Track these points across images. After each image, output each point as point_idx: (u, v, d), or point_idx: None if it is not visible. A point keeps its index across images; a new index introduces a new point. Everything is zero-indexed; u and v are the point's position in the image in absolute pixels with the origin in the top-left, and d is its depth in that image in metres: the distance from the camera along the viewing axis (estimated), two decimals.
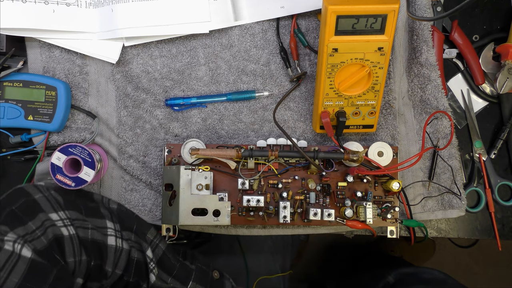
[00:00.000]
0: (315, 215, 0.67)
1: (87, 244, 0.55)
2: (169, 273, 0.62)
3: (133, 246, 0.60)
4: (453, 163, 0.72)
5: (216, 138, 0.72)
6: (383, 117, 0.71)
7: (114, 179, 0.72)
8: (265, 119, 0.72)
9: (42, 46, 0.70)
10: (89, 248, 0.55)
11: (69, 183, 0.65)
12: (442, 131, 0.71)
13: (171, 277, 0.62)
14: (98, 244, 0.56)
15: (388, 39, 0.60)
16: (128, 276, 0.59)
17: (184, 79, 0.71)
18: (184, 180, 0.64)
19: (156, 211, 0.71)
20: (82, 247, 0.54)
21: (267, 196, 0.69)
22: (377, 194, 0.70)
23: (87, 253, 0.55)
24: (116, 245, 0.58)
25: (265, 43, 0.71)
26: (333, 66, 0.62)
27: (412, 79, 0.72)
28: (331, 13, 0.57)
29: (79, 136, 0.71)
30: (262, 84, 0.72)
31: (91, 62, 0.71)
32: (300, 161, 0.69)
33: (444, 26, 0.74)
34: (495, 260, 1.38)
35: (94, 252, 0.56)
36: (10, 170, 0.72)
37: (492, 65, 0.75)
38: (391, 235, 0.71)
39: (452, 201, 0.72)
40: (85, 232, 0.56)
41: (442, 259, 1.34)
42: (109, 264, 0.57)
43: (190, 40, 0.71)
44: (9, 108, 0.68)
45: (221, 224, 0.65)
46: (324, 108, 0.66)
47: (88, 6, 0.69)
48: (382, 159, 0.69)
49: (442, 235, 0.75)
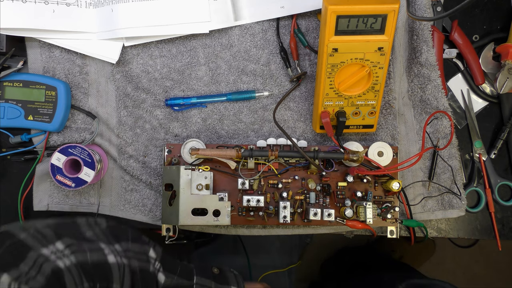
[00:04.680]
0: (315, 215, 0.67)
1: (88, 268, 0.53)
2: (173, 271, 0.62)
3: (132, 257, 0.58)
4: (453, 163, 0.72)
5: (216, 138, 0.72)
6: (383, 117, 0.71)
7: (114, 179, 0.72)
8: (265, 119, 0.72)
9: (42, 46, 0.70)
10: (91, 272, 0.53)
11: (69, 183, 0.65)
12: (442, 131, 0.71)
13: (176, 275, 0.61)
14: (100, 265, 0.53)
15: (388, 39, 0.60)
16: None
17: (184, 79, 0.71)
18: (184, 180, 0.64)
19: (156, 211, 0.71)
20: (82, 274, 0.52)
21: (267, 196, 0.69)
22: (377, 194, 0.70)
23: (90, 279, 0.52)
24: (117, 262, 0.56)
25: (265, 43, 0.71)
26: (333, 66, 0.62)
27: (412, 79, 0.72)
28: (331, 13, 0.57)
29: (79, 136, 0.71)
30: (262, 84, 0.72)
31: (91, 62, 0.71)
32: (300, 161, 0.69)
33: (444, 26, 0.74)
34: (495, 260, 1.38)
35: (98, 275, 0.53)
36: (10, 170, 0.72)
37: (492, 65, 0.75)
38: (391, 235, 0.71)
39: (452, 201, 0.72)
40: (84, 256, 0.53)
41: (442, 259, 1.34)
42: (116, 282, 0.54)
43: (190, 40, 0.71)
44: (9, 108, 0.68)
45: (221, 224, 0.65)
46: (324, 108, 0.66)
47: (88, 6, 0.69)
48: (382, 159, 0.69)
49: (442, 235, 0.75)
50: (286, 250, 1.14)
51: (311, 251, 1.24)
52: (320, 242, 1.25)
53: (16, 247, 0.51)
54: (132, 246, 0.59)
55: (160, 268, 0.60)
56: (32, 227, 0.54)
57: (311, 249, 1.24)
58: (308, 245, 1.23)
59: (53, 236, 0.54)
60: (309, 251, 1.24)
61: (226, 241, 1.09)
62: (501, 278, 1.37)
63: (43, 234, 0.54)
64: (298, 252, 1.19)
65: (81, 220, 0.59)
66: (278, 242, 1.13)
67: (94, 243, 0.55)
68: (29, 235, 0.53)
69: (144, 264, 0.59)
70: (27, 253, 0.50)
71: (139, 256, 0.59)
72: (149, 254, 0.60)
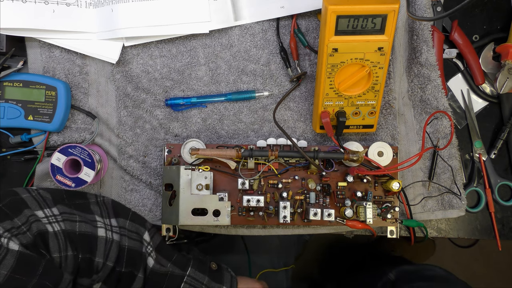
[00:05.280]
0: (315, 215, 0.67)
1: (74, 237, 0.55)
2: (168, 258, 0.62)
3: (125, 235, 0.59)
4: (453, 163, 0.72)
5: (216, 138, 0.72)
6: (383, 117, 0.71)
7: (114, 179, 0.72)
8: (265, 119, 0.72)
9: (42, 46, 0.70)
10: (77, 241, 0.55)
11: (69, 183, 0.65)
12: (442, 131, 0.71)
13: (170, 262, 0.62)
14: (86, 236, 0.56)
15: (388, 39, 0.60)
16: (120, 266, 0.58)
17: (184, 79, 0.71)
18: (184, 180, 0.64)
19: (156, 211, 0.71)
20: (68, 242, 0.54)
21: (267, 196, 0.69)
22: (377, 194, 0.70)
23: (74, 248, 0.55)
24: (106, 236, 0.58)
25: (265, 43, 0.71)
26: (333, 66, 0.62)
27: (412, 79, 0.72)
28: (331, 13, 0.57)
29: (79, 136, 0.71)
30: (262, 84, 0.72)
31: (91, 62, 0.71)
32: (300, 161, 0.69)
33: (444, 26, 0.74)
34: (495, 260, 1.38)
35: (83, 245, 0.56)
36: (10, 170, 0.72)
37: (492, 65, 0.75)
38: (391, 235, 0.71)
39: (452, 201, 0.72)
40: (73, 225, 0.56)
41: (442, 259, 1.34)
42: (100, 256, 0.56)
43: (190, 40, 0.71)
44: (9, 108, 0.68)
45: (221, 224, 0.65)
46: (324, 108, 0.66)
47: (88, 6, 0.69)
48: (382, 159, 0.69)
49: (442, 235, 0.75)
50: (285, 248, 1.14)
51: (311, 250, 1.24)
52: (320, 242, 1.25)
53: (15, 203, 0.54)
54: (128, 224, 0.61)
55: (151, 253, 0.60)
56: (37, 191, 0.58)
57: (311, 248, 1.24)
58: (308, 243, 1.23)
59: (51, 202, 0.57)
60: (309, 250, 1.24)
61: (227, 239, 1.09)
62: (501, 278, 1.37)
63: (44, 198, 0.57)
64: (298, 250, 1.19)
65: (90, 195, 0.63)
66: (278, 241, 1.13)
67: (89, 215, 0.58)
68: (30, 196, 0.56)
69: (136, 243, 0.60)
70: (23, 210, 0.54)
71: (132, 235, 0.60)
72: (144, 236, 0.61)
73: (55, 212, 0.56)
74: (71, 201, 0.59)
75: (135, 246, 0.60)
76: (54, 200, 0.58)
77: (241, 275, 0.69)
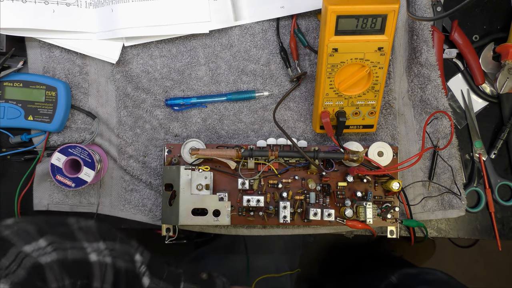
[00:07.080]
0: (315, 215, 0.67)
1: (68, 265, 0.53)
2: (159, 277, 0.62)
3: (117, 256, 0.58)
4: (453, 163, 0.72)
5: (216, 138, 0.72)
6: (383, 117, 0.71)
7: (114, 179, 0.72)
8: (265, 119, 0.72)
9: (42, 46, 0.70)
10: (72, 269, 0.53)
11: (69, 183, 0.65)
12: (442, 131, 0.71)
13: (162, 280, 0.61)
14: (80, 262, 0.54)
15: (388, 39, 0.60)
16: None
17: (184, 79, 0.71)
18: (184, 180, 0.64)
19: (156, 211, 0.71)
20: (63, 270, 0.52)
21: (267, 196, 0.69)
22: (377, 194, 0.70)
23: (70, 275, 0.52)
24: (99, 260, 0.56)
25: (265, 43, 0.71)
26: (333, 66, 0.62)
27: (412, 79, 0.72)
28: (331, 13, 0.57)
29: (79, 136, 0.71)
30: (262, 84, 0.72)
31: (91, 62, 0.71)
32: (300, 161, 0.69)
33: (444, 26, 0.74)
34: (495, 260, 1.38)
35: (78, 271, 0.53)
36: (10, 170, 0.72)
37: (492, 65, 0.75)
38: (391, 235, 0.71)
39: (452, 201, 0.72)
40: (64, 254, 0.53)
41: (442, 259, 1.34)
42: (97, 280, 0.55)
43: (190, 40, 0.71)
44: (9, 108, 0.68)
45: (221, 224, 0.65)
46: (324, 108, 0.66)
47: (88, 6, 0.69)
48: (382, 159, 0.69)
49: (442, 235, 0.75)
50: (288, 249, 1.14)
51: (311, 251, 1.24)
52: (320, 242, 1.25)
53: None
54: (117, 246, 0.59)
55: (145, 272, 0.60)
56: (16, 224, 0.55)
57: (311, 249, 1.24)
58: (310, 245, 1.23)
59: (36, 234, 0.54)
60: (309, 251, 1.24)
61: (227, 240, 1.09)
62: (501, 278, 1.37)
63: (27, 231, 0.54)
64: (301, 252, 1.18)
65: (71, 220, 0.60)
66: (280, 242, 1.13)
67: (77, 242, 0.56)
68: (12, 232, 0.53)
69: (129, 265, 0.59)
70: (8, 249, 0.51)
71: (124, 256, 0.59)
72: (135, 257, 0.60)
73: (42, 244, 0.53)
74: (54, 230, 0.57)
75: (129, 267, 0.59)
76: (38, 232, 0.55)
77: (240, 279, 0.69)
